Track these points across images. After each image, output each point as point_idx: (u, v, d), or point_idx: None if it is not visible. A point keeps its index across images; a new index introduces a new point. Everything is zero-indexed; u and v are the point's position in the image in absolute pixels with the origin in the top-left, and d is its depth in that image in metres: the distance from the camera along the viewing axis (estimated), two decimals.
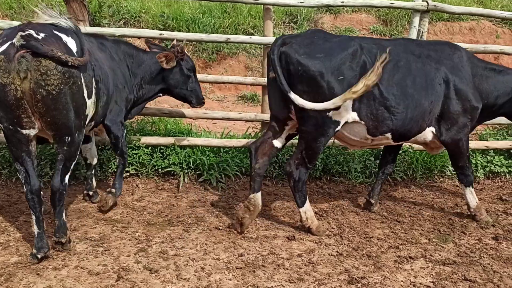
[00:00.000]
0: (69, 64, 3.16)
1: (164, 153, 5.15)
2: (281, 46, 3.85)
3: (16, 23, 4.19)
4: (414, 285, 3.34)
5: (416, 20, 5.27)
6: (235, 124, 7.12)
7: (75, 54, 3.33)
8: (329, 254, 3.74)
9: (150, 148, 5.10)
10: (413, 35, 5.27)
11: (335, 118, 3.86)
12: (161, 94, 4.71)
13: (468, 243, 4.06)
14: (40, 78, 3.09)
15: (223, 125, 6.72)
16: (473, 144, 5.75)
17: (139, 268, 3.36)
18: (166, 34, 4.89)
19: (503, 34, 10.94)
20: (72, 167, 3.50)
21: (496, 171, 5.71)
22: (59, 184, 3.40)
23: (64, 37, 3.34)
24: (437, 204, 4.95)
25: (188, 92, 4.69)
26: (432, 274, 3.51)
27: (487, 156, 5.79)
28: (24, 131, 3.23)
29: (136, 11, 9.55)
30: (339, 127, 3.94)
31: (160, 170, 5.06)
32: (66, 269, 3.32)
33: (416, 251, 3.87)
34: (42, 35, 3.17)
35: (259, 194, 4.07)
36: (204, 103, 4.82)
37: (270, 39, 5.01)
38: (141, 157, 4.99)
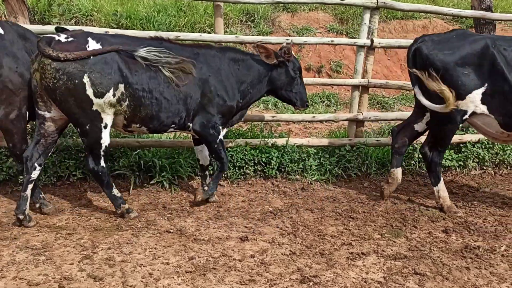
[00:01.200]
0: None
1: (114, 156, 4.98)
2: (419, 43, 4.40)
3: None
4: (365, 281, 3.34)
5: (367, 17, 5.31)
6: None
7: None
8: (282, 254, 3.69)
9: None
10: (364, 32, 5.31)
11: (461, 107, 4.35)
12: (265, 95, 4.83)
13: (419, 237, 4.10)
14: None
15: None
16: (424, 138, 5.84)
17: (83, 277, 3.21)
18: (112, 32, 4.72)
19: None
20: (102, 153, 3.99)
21: (447, 165, 5.83)
22: (92, 166, 4.02)
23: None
24: (390, 200, 5.00)
25: (293, 94, 4.73)
26: (383, 270, 3.51)
27: None
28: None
29: (88, 10, 9.25)
30: (466, 116, 4.41)
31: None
32: (3, 280, 3.13)
33: (368, 247, 3.88)
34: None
35: (399, 169, 4.84)
36: (308, 105, 4.88)
37: (221, 36, 4.93)
38: None
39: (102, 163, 4.03)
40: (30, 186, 3.98)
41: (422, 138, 5.13)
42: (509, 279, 3.45)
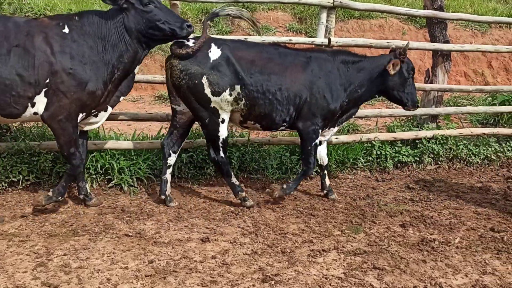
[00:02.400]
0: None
1: None
2: None
3: None
4: (326, 278, 3.37)
5: (324, 16, 5.37)
6: (152, 125, 6.89)
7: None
8: (243, 254, 3.68)
9: (52, 154, 4.75)
10: (321, 31, 5.36)
11: None
12: (376, 96, 4.93)
13: (378, 232, 4.18)
14: None
15: (139, 127, 6.47)
16: (383, 136, 5.99)
17: (37, 285, 3.09)
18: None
19: (409, 30, 11.59)
20: (221, 144, 4.44)
21: (404, 161, 5.98)
22: (214, 157, 4.50)
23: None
24: (350, 196, 5.08)
25: (404, 95, 4.76)
26: (343, 265, 3.56)
27: (395, 147, 6.05)
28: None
29: (40, 9, 8.97)
30: None
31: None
32: None
33: (329, 243, 3.92)
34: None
35: None
36: (418, 106, 4.97)
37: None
38: (42, 164, 4.63)
39: (222, 153, 4.48)
40: (168, 171, 4.61)
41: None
42: (463, 270, 3.57)
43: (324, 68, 4.58)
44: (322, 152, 5.00)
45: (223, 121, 4.42)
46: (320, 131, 4.67)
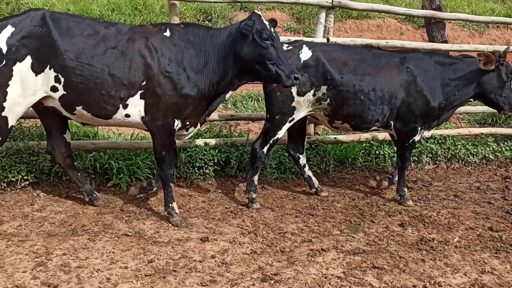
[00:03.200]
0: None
1: None
2: None
3: None
4: (325, 277, 3.38)
5: (322, 16, 5.37)
6: None
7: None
8: (243, 253, 3.68)
9: None
10: (320, 31, 5.36)
11: None
12: (471, 100, 4.90)
13: (377, 231, 4.19)
14: None
15: None
16: (381, 135, 6.00)
17: (36, 285, 3.09)
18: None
19: (407, 31, 11.59)
20: (271, 142, 4.58)
21: None
22: (257, 147, 4.62)
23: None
24: (349, 196, 5.08)
25: (502, 98, 4.75)
26: (343, 265, 3.57)
27: (393, 147, 6.04)
28: None
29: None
30: None
31: (63, 177, 4.72)
32: None
33: (328, 243, 3.93)
34: None
35: None
36: None
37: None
38: (41, 164, 4.62)
39: (265, 149, 4.61)
40: (305, 169, 5.00)
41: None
42: (462, 269, 3.58)
43: (421, 67, 4.65)
44: None
45: (291, 121, 4.57)
46: (419, 129, 4.74)
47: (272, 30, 3.92)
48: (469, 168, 6.25)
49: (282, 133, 4.58)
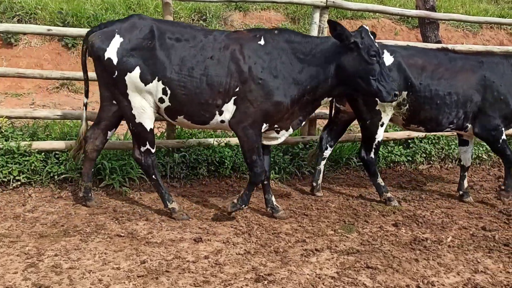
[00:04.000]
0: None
1: (60, 159, 4.77)
2: None
3: None
4: (319, 277, 3.36)
5: (317, 16, 5.36)
6: None
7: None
8: (236, 253, 3.67)
9: (43, 154, 4.70)
10: (314, 31, 5.35)
11: None
12: None
13: (371, 231, 4.19)
14: None
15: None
16: None
17: (27, 286, 3.05)
18: (55, 30, 4.54)
19: (401, 31, 11.62)
20: (374, 146, 4.67)
21: (396, 160, 6.00)
22: (363, 155, 4.74)
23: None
24: (343, 196, 5.08)
25: None
26: (336, 265, 3.56)
27: (388, 147, 6.07)
28: None
29: (31, 8, 8.86)
30: None
31: (56, 177, 4.69)
32: None
33: (322, 243, 3.92)
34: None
35: None
36: None
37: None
38: (33, 164, 4.58)
39: (372, 154, 4.70)
40: (323, 162, 5.05)
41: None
42: (455, 269, 3.58)
43: (497, 71, 4.70)
44: (468, 154, 5.12)
45: (382, 124, 4.63)
46: (503, 129, 4.77)
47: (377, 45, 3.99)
48: None
49: (380, 135, 4.67)
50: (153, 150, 4.16)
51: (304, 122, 4.40)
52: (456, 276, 3.48)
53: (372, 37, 3.97)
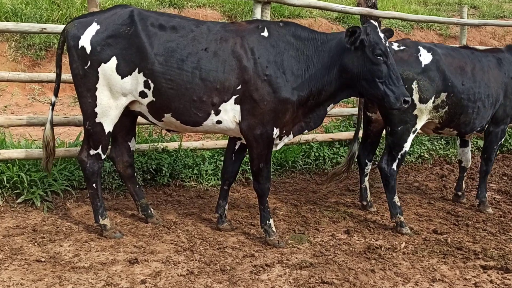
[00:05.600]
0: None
1: None
2: None
3: None
4: None
5: (258, 11, 5.05)
6: (70, 130, 6.21)
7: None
8: (178, 275, 3.25)
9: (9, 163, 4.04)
10: None
11: None
12: None
13: (323, 241, 3.92)
14: None
15: (56, 132, 5.77)
16: (320, 136, 5.79)
17: None
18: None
19: (337, 30, 11.65)
20: (399, 156, 4.16)
21: (341, 162, 5.81)
22: (384, 166, 4.19)
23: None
24: (291, 202, 4.79)
25: None
26: (289, 281, 3.25)
27: (334, 148, 5.88)
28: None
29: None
30: None
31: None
32: None
33: (272, 256, 3.60)
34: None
35: None
36: None
37: None
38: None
39: (395, 166, 4.18)
40: (366, 179, 4.63)
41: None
42: (412, 278, 3.39)
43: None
44: (468, 154, 4.96)
45: (414, 131, 4.18)
46: (506, 129, 4.68)
47: (387, 44, 3.53)
48: (406, 167, 6.20)
49: (408, 145, 4.18)
50: (103, 156, 3.68)
51: (307, 131, 4.01)
52: (414, 286, 3.29)
53: (381, 34, 3.52)
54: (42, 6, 8.50)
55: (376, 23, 3.57)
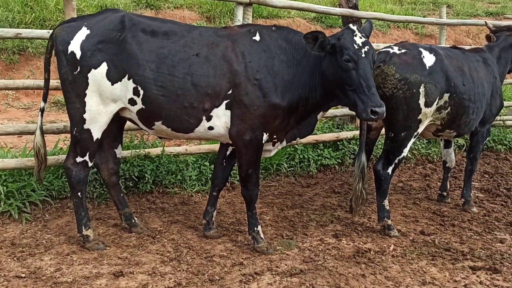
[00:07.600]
0: None
1: None
2: None
3: None
4: None
5: (240, 13, 4.97)
6: (47, 137, 6.00)
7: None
8: (165, 287, 3.15)
9: None
10: None
11: None
12: None
13: (312, 246, 3.87)
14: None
15: (32, 139, 5.58)
16: (305, 138, 5.72)
17: None
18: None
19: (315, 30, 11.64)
20: (396, 161, 4.09)
21: (326, 163, 5.79)
22: (379, 169, 4.12)
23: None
24: (277, 206, 4.73)
25: None
26: None
27: (318, 150, 5.84)
28: None
29: None
30: None
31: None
32: None
33: (261, 264, 3.53)
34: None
35: None
36: None
37: None
38: None
39: (390, 170, 4.12)
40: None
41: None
42: (403, 282, 3.37)
43: (496, 68, 4.60)
44: (452, 155, 4.97)
45: (415, 136, 4.11)
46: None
47: (365, 49, 3.31)
48: None
49: (407, 150, 4.12)
50: (90, 164, 3.57)
51: (300, 139, 3.87)
52: None
53: (356, 39, 3.32)
54: (14, 8, 8.25)
55: (354, 27, 3.44)
